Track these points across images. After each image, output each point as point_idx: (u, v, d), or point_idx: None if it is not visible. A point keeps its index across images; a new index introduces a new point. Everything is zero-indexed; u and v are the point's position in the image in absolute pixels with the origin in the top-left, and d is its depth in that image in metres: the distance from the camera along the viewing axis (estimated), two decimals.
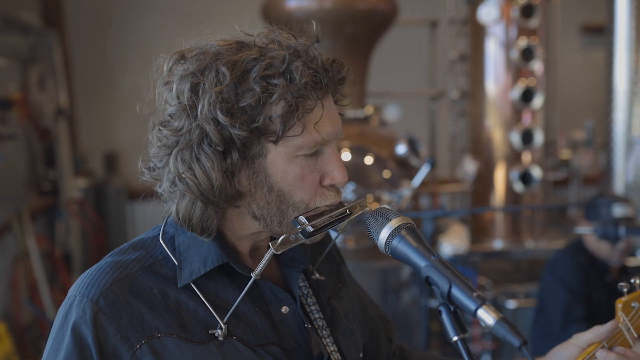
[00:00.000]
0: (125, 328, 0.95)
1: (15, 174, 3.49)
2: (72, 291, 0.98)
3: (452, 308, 0.89)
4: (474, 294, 0.87)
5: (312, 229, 0.99)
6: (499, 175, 3.61)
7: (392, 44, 4.08)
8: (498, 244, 3.65)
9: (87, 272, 1.00)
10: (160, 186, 1.02)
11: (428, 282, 0.91)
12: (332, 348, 1.09)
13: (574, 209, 4.13)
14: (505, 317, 0.84)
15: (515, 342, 0.82)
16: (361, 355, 1.17)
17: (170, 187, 0.99)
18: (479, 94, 3.67)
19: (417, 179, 2.98)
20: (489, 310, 0.85)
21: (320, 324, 1.10)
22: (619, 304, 1.14)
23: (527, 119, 3.54)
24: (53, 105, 4.50)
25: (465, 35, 3.78)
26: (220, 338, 0.98)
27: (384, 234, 0.96)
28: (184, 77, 0.96)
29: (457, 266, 3.09)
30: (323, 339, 1.09)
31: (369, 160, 3.11)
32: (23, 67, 4.21)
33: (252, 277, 0.99)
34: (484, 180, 3.66)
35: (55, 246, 4.42)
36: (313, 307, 1.11)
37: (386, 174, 3.07)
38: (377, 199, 3.00)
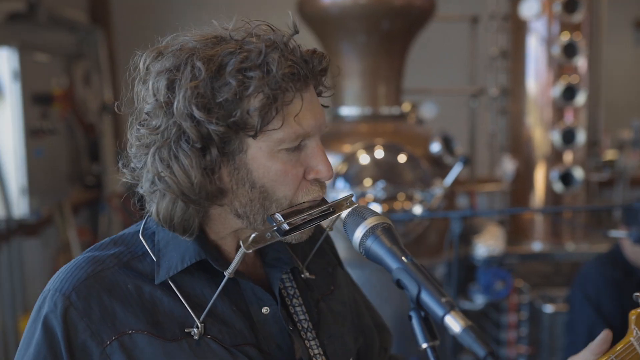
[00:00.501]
0: (97, 324, 0.93)
1: (57, 168, 3.58)
2: (48, 285, 0.98)
3: (422, 314, 0.85)
4: (443, 299, 0.83)
5: (287, 227, 0.96)
6: (539, 175, 3.50)
7: (431, 40, 4.01)
8: (537, 246, 3.55)
9: (64, 266, 1.00)
10: (141, 187, 0.99)
11: (399, 285, 0.88)
12: (316, 351, 1.06)
13: (619, 211, 3.98)
14: (473, 325, 0.80)
15: (481, 352, 0.78)
16: None
17: (150, 187, 0.97)
18: (519, 91, 3.57)
19: (449, 178, 2.92)
20: (457, 317, 0.81)
21: (305, 325, 1.07)
22: (632, 316, 1.08)
23: (569, 118, 3.43)
24: (98, 100, 4.61)
25: (506, 31, 3.68)
26: (195, 337, 0.96)
27: (358, 233, 0.93)
28: (160, 74, 0.94)
29: (492, 268, 3.02)
30: (306, 341, 1.06)
31: (401, 158, 3.06)
32: (68, 64, 4.31)
33: (226, 275, 0.97)
34: (523, 180, 3.56)
35: (97, 239, 4.52)
36: (298, 309, 1.08)
37: (418, 172, 3.01)
38: (409, 198, 2.96)
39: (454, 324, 0.80)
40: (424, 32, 3.41)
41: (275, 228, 0.97)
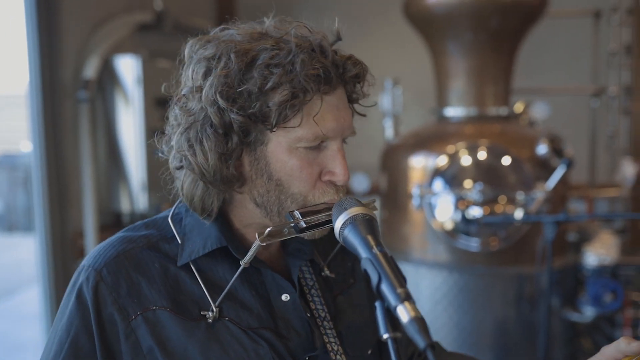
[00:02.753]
0: (123, 298, 1.00)
1: None
2: (84, 261, 1.06)
3: (386, 305, 0.84)
4: (399, 290, 0.81)
5: (304, 225, 1.00)
6: None
7: (551, 37, 3.83)
8: None
9: (100, 244, 1.08)
10: (171, 163, 1.06)
11: (366, 274, 0.87)
12: (332, 340, 1.08)
13: None
14: (421, 317, 0.78)
15: (421, 343, 0.76)
16: (370, 352, 1.14)
17: (177, 164, 1.04)
18: None
19: (552, 181, 2.78)
20: (409, 309, 0.79)
21: (323, 315, 1.09)
22: None
23: None
24: None
25: (629, 25, 3.42)
26: (209, 320, 1.01)
27: (339, 222, 0.95)
28: (200, 61, 1.00)
29: (602, 279, 2.83)
30: (323, 329, 1.08)
31: (505, 160, 2.96)
32: None
33: (241, 265, 1.02)
34: None
35: None
36: (317, 299, 1.11)
37: (520, 175, 2.89)
38: (511, 201, 2.85)
39: (403, 314, 0.79)
40: (541, 28, 3.27)
41: (292, 224, 1.00)
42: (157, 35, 4.04)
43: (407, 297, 0.81)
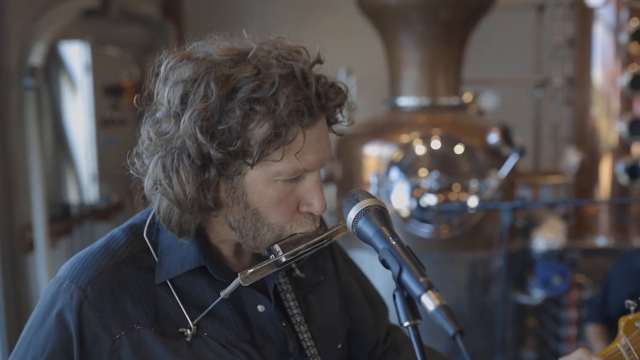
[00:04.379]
0: (107, 318, 0.98)
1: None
2: (62, 272, 1.03)
3: (405, 293, 0.86)
4: (422, 279, 0.84)
5: (284, 260, 1.01)
6: (605, 168, 3.38)
7: (496, 29, 3.94)
8: (601, 240, 3.43)
9: (79, 255, 1.05)
10: (145, 184, 1.03)
11: (384, 264, 0.89)
12: (309, 343, 1.11)
13: None
14: (447, 305, 0.81)
15: (450, 330, 0.79)
16: (339, 346, 1.18)
17: (152, 187, 1.01)
18: (585, 81, 3.45)
19: (505, 169, 2.88)
20: (433, 297, 0.82)
21: (299, 319, 1.12)
22: (621, 322, 1.06)
23: (637, 108, 3.29)
24: None
25: (571, 19, 3.56)
26: (187, 339, 1.01)
27: (352, 214, 0.96)
28: (178, 83, 0.96)
29: (550, 262, 2.95)
30: (300, 334, 1.11)
31: (458, 149, 3.03)
32: (141, 57, 4.49)
33: (221, 295, 1.02)
34: (588, 172, 3.45)
35: None
36: (292, 303, 1.13)
37: (474, 163, 2.98)
38: (465, 189, 2.93)
39: (428, 302, 0.82)
40: (487, 21, 3.36)
41: (273, 259, 1.02)
42: (104, 22, 3.93)
43: (430, 286, 0.83)
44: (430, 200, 2.90)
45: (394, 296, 0.87)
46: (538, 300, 3.10)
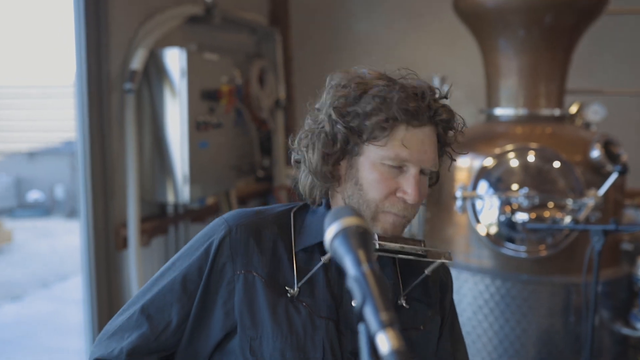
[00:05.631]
0: (237, 256, 1.26)
1: (221, 160, 3.81)
2: (227, 215, 1.32)
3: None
4: (383, 315, 0.73)
5: (377, 246, 1.20)
6: None
7: (608, 34, 3.63)
8: None
9: (243, 209, 1.35)
10: (293, 157, 1.33)
11: (352, 293, 0.80)
12: None
13: None
14: (403, 350, 0.70)
15: None
16: None
17: (297, 157, 1.32)
18: None
19: (603, 188, 2.63)
20: (390, 337, 0.71)
21: None
22: None
23: None
24: (272, 98, 4.84)
25: None
26: (289, 295, 1.24)
27: (330, 232, 0.88)
28: (333, 87, 1.27)
29: None
30: None
31: (555, 164, 2.82)
32: (246, 62, 4.58)
33: (322, 260, 1.24)
34: None
35: None
36: None
37: (570, 180, 2.75)
38: (559, 207, 2.72)
39: (383, 342, 0.71)
40: (600, 25, 3.11)
41: None
42: (207, 28, 4.04)
43: (390, 324, 0.74)
44: (521, 217, 2.72)
45: (358, 330, 0.78)
46: None
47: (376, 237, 1.20)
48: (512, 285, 2.80)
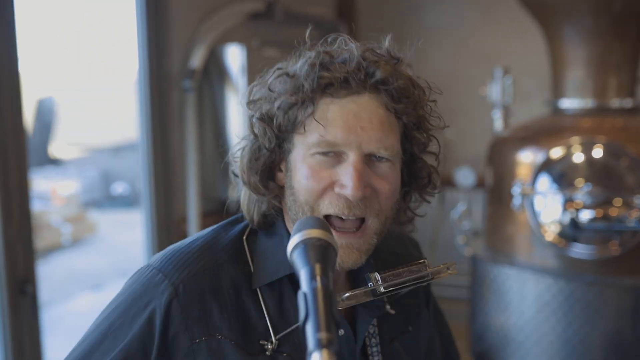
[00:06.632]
0: (192, 320, 0.98)
1: None
2: (157, 263, 1.04)
3: None
4: (320, 335, 0.69)
5: (383, 290, 0.99)
6: None
7: None
8: None
9: (177, 247, 1.06)
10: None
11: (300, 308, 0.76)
12: None
13: None
14: None
15: None
16: None
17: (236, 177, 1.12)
18: None
19: None
20: (324, 358, 0.67)
21: None
22: None
23: None
24: None
25: None
26: (267, 353, 1.00)
27: (292, 242, 0.83)
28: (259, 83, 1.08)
29: None
30: None
31: (623, 160, 2.66)
32: None
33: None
34: None
35: None
36: (375, 349, 1.07)
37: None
38: (628, 205, 2.56)
39: None
40: None
41: (371, 287, 0.99)
42: (270, 24, 4.06)
43: (327, 345, 0.68)
44: (585, 215, 2.58)
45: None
46: None
47: (378, 278, 0.99)
48: (576, 287, 2.67)
